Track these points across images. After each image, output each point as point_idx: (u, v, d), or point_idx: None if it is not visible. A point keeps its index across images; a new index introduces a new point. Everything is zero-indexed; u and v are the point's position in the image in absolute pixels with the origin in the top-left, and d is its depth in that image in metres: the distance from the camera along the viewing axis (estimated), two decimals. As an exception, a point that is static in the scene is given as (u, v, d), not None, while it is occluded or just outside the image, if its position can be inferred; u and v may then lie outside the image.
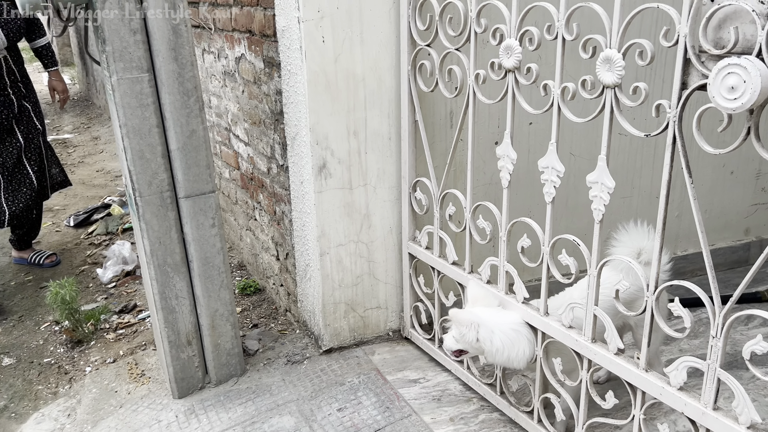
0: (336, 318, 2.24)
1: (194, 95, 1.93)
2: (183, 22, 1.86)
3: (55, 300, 2.55)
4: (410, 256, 2.18)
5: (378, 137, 2.09)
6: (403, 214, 2.17)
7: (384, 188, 2.16)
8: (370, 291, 2.26)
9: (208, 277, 2.08)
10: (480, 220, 1.81)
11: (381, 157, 2.12)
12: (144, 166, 1.92)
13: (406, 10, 1.92)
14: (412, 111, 2.02)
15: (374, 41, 1.99)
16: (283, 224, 2.46)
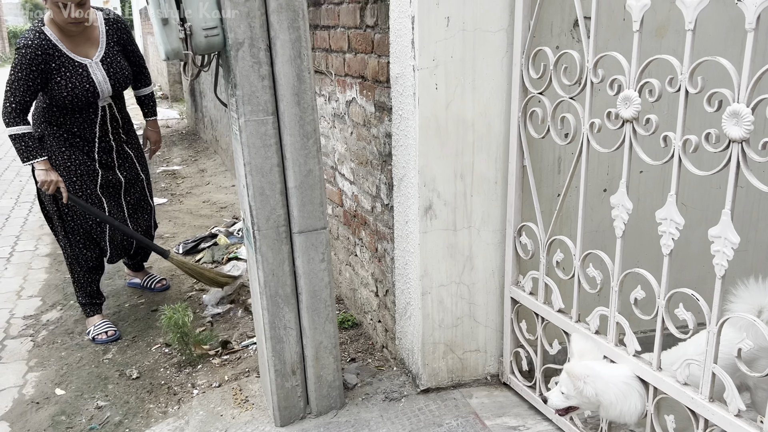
0: (434, 358, 2.26)
1: (313, 137, 2.04)
2: (307, 69, 1.99)
3: (168, 324, 2.72)
4: (512, 300, 2.18)
5: (484, 181, 2.13)
6: (506, 258, 2.18)
7: (488, 231, 2.18)
8: (469, 333, 2.28)
9: (315, 309, 2.16)
10: (590, 269, 1.80)
11: (486, 200, 2.15)
12: (264, 202, 2.04)
13: (519, 59, 1.96)
14: (521, 156, 2.04)
15: (485, 88, 2.04)
16: (384, 262, 2.52)
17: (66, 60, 2.72)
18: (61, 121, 2.82)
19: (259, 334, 2.27)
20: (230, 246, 4.02)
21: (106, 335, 3.00)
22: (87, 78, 2.76)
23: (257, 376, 2.57)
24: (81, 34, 2.78)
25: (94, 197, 2.93)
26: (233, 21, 1.89)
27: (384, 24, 2.23)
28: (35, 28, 2.70)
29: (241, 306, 3.30)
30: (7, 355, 2.91)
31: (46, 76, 2.69)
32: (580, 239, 1.83)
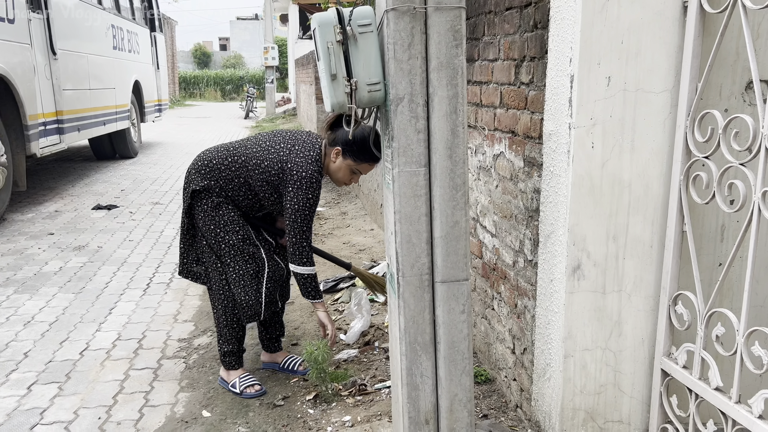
0: (573, 425, 2.17)
1: (462, 190, 2.08)
2: (461, 124, 2.04)
3: (309, 359, 2.83)
4: (663, 372, 2.06)
5: (638, 244, 2.05)
6: (659, 327, 2.07)
7: (639, 297, 2.08)
8: (612, 403, 2.16)
9: (453, 360, 2.16)
10: (755, 347, 1.67)
11: (640, 264, 2.06)
12: (410, 249, 2.09)
13: (684, 122, 1.89)
14: (680, 221, 1.95)
15: (645, 149, 1.98)
16: (523, 318, 2.48)
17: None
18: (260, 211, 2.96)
19: (395, 380, 2.30)
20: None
21: (254, 390, 2.94)
22: None
23: (389, 420, 2.59)
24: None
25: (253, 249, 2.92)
26: (395, 77, 2.00)
27: (540, 81, 2.25)
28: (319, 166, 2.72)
29: (374, 349, 3.36)
30: (163, 374, 3.16)
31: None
32: (745, 314, 1.70)
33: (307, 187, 2.67)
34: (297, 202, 2.69)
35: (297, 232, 2.71)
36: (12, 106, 6.31)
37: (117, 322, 3.78)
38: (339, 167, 2.76)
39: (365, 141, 2.64)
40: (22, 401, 2.86)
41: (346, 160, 2.73)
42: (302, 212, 2.69)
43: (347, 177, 2.78)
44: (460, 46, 2.00)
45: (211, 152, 2.86)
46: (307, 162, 2.70)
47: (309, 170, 2.69)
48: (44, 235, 5.75)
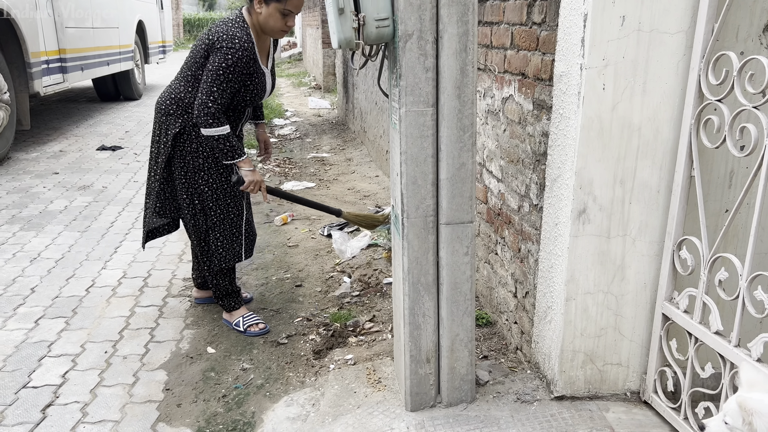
0: (572, 366, 2.20)
1: (469, 131, 2.05)
2: (471, 63, 2.00)
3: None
4: (664, 317, 2.07)
5: (645, 188, 2.03)
6: (662, 271, 2.07)
7: (644, 242, 2.08)
8: (612, 345, 2.19)
9: (455, 301, 2.18)
10: (758, 291, 1.67)
11: (645, 209, 2.05)
12: (415, 191, 2.08)
13: (698, 63, 1.85)
14: (689, 166, 1.93)
15: (656, 92, 1.95)
16: (526, 263, 2.49)
17: (257, 66, 2.69)
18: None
19: (397, 319, 2.33)
20: (373, 234, 4.13)
21: (258, 328, 2.98)
22: (263, 84, 2.77)
23: (391, 359, 2.63)
24: (263, 42, 2.75)
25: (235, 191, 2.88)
26: (404, 12, 1.95)
27: (552, 21, 2.19)
28: (244, 29, 2.62)
29: (375, 290, 3.39)
30: (168, 311, 3.20)
31: (245, 79, 2.66)
32: (749, 259, 1.70)
33: (227, 49, 2.55)
34: (213, 63, 2.57)
35: (206, 92, 2.57)
36: (14, 43, 6.21)
37: (122, 260, 3.82)
38: (268, 15, 2.60)
39: None
40: (29, 334, 2.91)
41: (270, 4, 2.58)
42: (215, 73, 2.56)
43: (280, 22, 2.61)
44: (471, -19, 1.94)
45: (171, 88, 2.78)
46: (226, 26, 2.61)
47: (230, 32, 2.58)
48: (49, 174, 5.75)
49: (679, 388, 2.03)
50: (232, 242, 2.91)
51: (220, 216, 2.86)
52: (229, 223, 2.89)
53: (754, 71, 1.67)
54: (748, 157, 1.74)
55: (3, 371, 2.60)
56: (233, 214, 2.90)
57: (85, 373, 2.61)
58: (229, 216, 2.88)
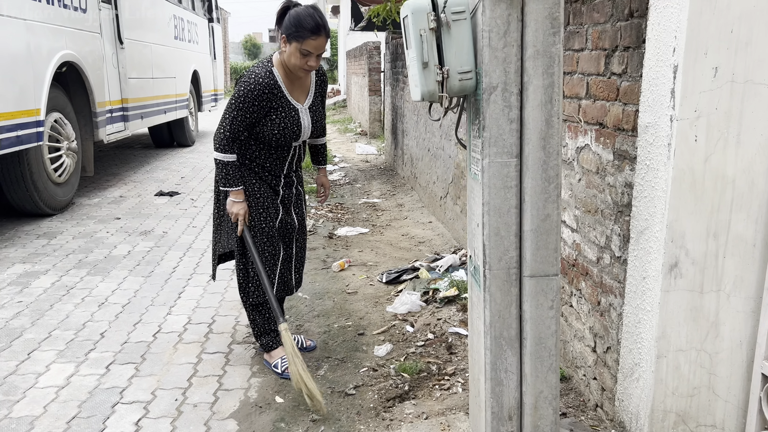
0: (663, 427, 2.10)
1: (554, 182, 2.02)
2: (556, 114, 1.99)
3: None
4: (763, 377, 1.97)
5: (740, 242, 1.96)
6: (760, 329, 1.98)
7: (739, 298, 2.00)
8: (706, 406, 2.09)
9: (539, 357, 2.11)
10: None
11: (740, 263, 1.98)
12: (498, 242, 2.05)
13: (797, 114, 1.80)
14: (789, 220, 1.86)
15: (751, 143, 1.90)
16: (608, 316, 2.41)
17: (284, 102, 2.81)
18: (256, 155, 2.89)
19: (475, 374, 2.27)
20: (431, 281, 4.09)
21: None
22: (297, 121, 2.85)
23: (464, 414, 2.57)
24: (299, 80, 2.86)
25: (273, 231, 2.97)
26: (489, 66, 1.95)
27: (635, 72, 2.17)
28: (265, 67, 2.79)
29: (440, 340, 3.34)
30: (234, 358, 3.20)
31: (264, 112, 2.79)
32: None
33: (242, 82, 2.76)
34: (232, 95, 2.78)
35: (221, 119, 2.80)
36: (81, 93, 6.48)
37: (186, 306, 3.85)
38: (290, 54, 2.73)
39: (298, 17, 2.68)
40: (101, 380, 2.93)
41: (291, 44, 2.71)
42: (230, 103, 2.77)
43: (300, 60, 2.71)
44: (557, 33, 1.94)
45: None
46: (253, 66, 2.83)
47: (251, 70, 2.80)
48: (111, 219, 5.90)
49: (783, 455, 1.91)
50: (262, 280, 2.91)
51: (257, 251, 2.92)
52: (263, 261, 2.95)
53: None
54: None
55: (79, 417, 2.62)
56: (267, 252, 2.99)
57: (157, 421, 2.61)
58: (263, 254, 2.97)
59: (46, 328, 3.47)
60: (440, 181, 5.73)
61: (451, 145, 5.25)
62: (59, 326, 3.49)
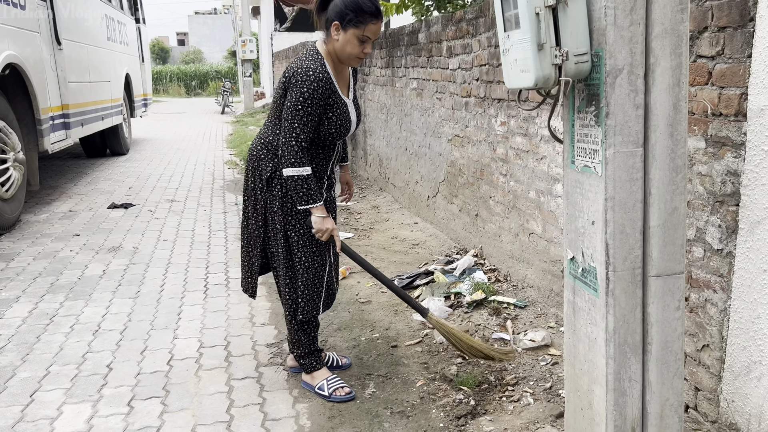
0: (794, 427, 1.99)
1: (682, 172, 1.87)
2: (683, 98, 1.83)
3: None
4: None
5: None
6: None
7: None
8: (836, 401, 1.99)
9: (665, 362, 1.95)
10: None
11: None
12: (623, 240, 1.87)
13: None
14: None
15: None
16: (703, 313, 2.29)
17: (337, 97, 2.58)
18: (311, 157, 2.62)
19: (583, 386, 2.08)
20: (450, 285, 3.89)
21: (344, 392, 2.73)
22: (348, 116, 2.63)
23: (551, 426, 2.38)
24: (342, 72, 2.65)
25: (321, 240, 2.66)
26: (614, 46, 1.77)
27: (738, 53, 2.05)
28: (318, 60, 2.52)
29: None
30: (268, 383, 2.88)
31: (325, 110, 2.55)
32: None
33: (302, 82, 2.45)
34: (291, 98, 2.47)
35: (287, 129, 2.47)
36: (21, 99, 5.87)
37: (192, 328, 3.48)
38: (345, 42, 2.50)
39: (356, 1, 2.44)
40: (128, 419, 2.55)
41: (347, 31, 2.48)
42: (294, 108, 2.46)
43: (357, 48, 2.51)
44: (685, 11, 1.79)
45: (261, 134, 2.70)
46: (300, 61, 2.53)
47: (305, 65, 2.49)
48: (69, 236, 5.36)
49: None
50: (313, 293, 2.72)
51: (305, 264, 2.68)
52: (313, 273, 2.70)
53: None
54: None
55: (118, 468, 2.25)
56: (317, 263, 2.71)
57: (211, 465, 2.28)
58: (313, 265, 2.70)
59: (41, 363, 3.02)
60: (426, 180, 5.54)
61: (441, 142, 5.07)
62: (55, 360, 3.06)
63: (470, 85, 4.38)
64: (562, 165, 3.20)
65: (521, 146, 3.70)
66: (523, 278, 3.79)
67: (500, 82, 3.90)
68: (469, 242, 4.58)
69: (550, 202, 3.40)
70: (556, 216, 3.35)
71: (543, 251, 3.53)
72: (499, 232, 4.07)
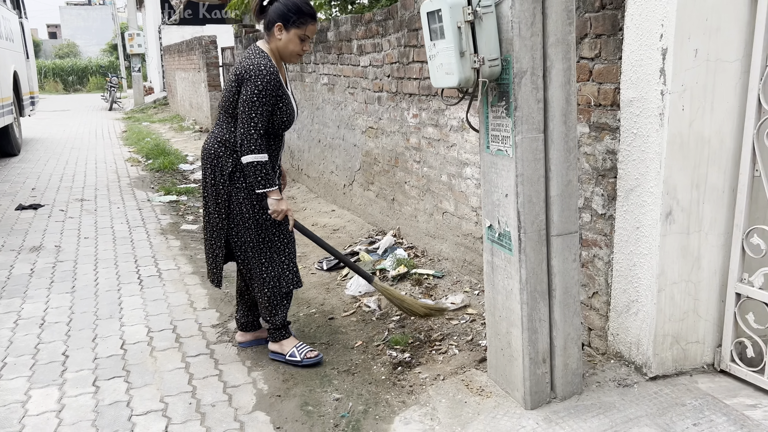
0: (663, 349, 2.55)
1: (574, 152, 2.36)
2: (573, 93, 2.32)
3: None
4: (737, 295, 2.48)
5: (714, 190, 2.45)
6: (732, 258, 2.48)
7: (714, 235, 2.49)
8: (692, 326, 2.57)
9: (566, 304, 2.45)
10: (843, 261, 2.11)
11: (714, 207, 2.46)
12: (530, 208, 2.34)
13: (757, 84, 2.30)
14: (752, 167, 2.37)
15: (721, 110, 2.38)
16: (592, 266, 2.82)
17: (283, 90, 2.83)
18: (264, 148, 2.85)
19: (502, 330, 2.54)
20: (375, 262, 4.29)
21: (314, 355, 3.04)
22: (292, 106, 2.91)
23: (478, 369, 2.83)
24: (282, 68, 2.91)
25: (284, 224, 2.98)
26: (519, 52, 2.22)
27: (612, 55, 2.57)
28: (266, 57, 2.78)
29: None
30: (221, 357, 3.16)
31: (276, 102, 2.80)
32: (829, 236, 2.14)
33: (255, 77, 2.72)
34: (246, 93, 2.73)
35: (246, 120, 2.72)
36: None
37: (136, 315, 3.67)
38: (288, 41, 2.80)
39: (296, 3, 2.75)
40: (97, 397, 2.76)
41: (290, 31, 2.79)
42: (250, 101, 2.72)
43: (298, 46, 2.83)
44: (572, 24, 2.27)
45: (215, 134, 2.91)
46: (249, 60, 2.78)
47: (255, 62, 2.75)
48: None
49: (758, 356, 2.43)
50: (294, 266, 3.03)
51: (284, 241, 2.98)
52: (290, 249, 3.02)
53: (815, 89, 2.13)
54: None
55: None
56: (292, 240, 3.04)
57: (186, 426, 2.55)
58: (291, 241, 3.03)
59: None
60: (342, 170, 5.90)
61: (355, 134, 5.45)
62: (9, 353, 3.18)
63: (382, 81, 4.79)
64: (471, 151, 3.68)
65: (433, 136, 4.15)
66: (439, 252, 4.25)
67: (411, 78, 4.33)
68: (387, 224, 5.00)
69: (461, 184, 3.87)
70: (466, 195, 3.82)
71: (456, 227, 4.00)
72: (415, 213, 4.51)
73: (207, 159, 2.93)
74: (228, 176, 2.87)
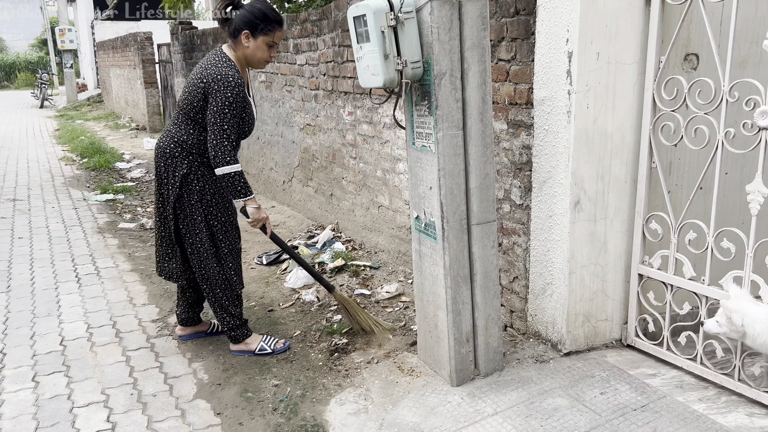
0: (575, 327, 2.78)
1: (490, 147, 2.55)
2: (488, 93, 2.51)
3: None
4: (639, 276, 2.74)
5: (617, 181, 2.69)
6: (634, 242, 2.74)
7: (618, 221, 2.74)
8: (601, 305, 2.81)
9: (486, 287, 2.65)
10: (724, 242, 2.38)
11: (618, 196, 2.71)
12: (452, 199, 2.53)
13: (651, 85, 2.55)
14: (650, 160, 2.62)
15: (621, 107, 2.62)
16: (512, 253, 3.04)
17: (247, 99, 2.86)
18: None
19: (432, 311, 2.72)
20: (314, 255, 4.43)
21: (282, 344, 3.18)
22: (253, 115, 2.94)
23: (408, 353, 3.01)
24: (245, 74, 2.91)
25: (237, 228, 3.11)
26: (438, 56, 2.40)
27: (526, 58, 2.78)
28: (232, 66, 2.78)
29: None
30: (162, 350, 3.24)
31: (242, 111, 2.81)
32: (713, 222, 2.41)
33: (225, 87, 2.72)
34: (216, 104, 2.72)
35: (218, 132, 2.72)
36: None
37: (74, 313, 3.69)
38: (256, 48, 2.81)
39: (262, 11, 2.77)
40: (38, 392, 2.80)
41: (258, 38, 2.80)
42: (221, 112, 2.72)
43: (266, 53, 2.85)
44: (486, 29, 2.47)
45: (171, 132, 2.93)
46: (216, 68, 2.77)
47: (222, 72, 2.75)
48: None
49: (658, 330, 2.69)
50: (240, 269, 3.11)
51: (230, 246, 3.05)
52: (237, 253, 3.09)
53: (702, 89, 2.38)
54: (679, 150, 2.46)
55: (42, 428, 2.53)
56: (238, 244, 3.11)
57: (128, 415, 2.63)
58: (237, 246, 3.09)
59: (-71, 356, 3.12)
60: (281, 166, 6.00)
61: (293, 131, 5.56)
62: (-57, 352, 3.17)
63: (318, 79, 4.91)
64: (403, 147, 3.86)
65: (367, 133, 4.31)
66: (375, 245, 4.42)
67: (345, 77, 4.47)
68: (326, 219, 5.14)
69: (395, 179, 4.05)
70: (400, 190, 4.00)
71: (390, 220, 4.18)
72: (353, 208, 4.67)
73: (161, 158, 2.93)
74: (181, 177, 2.88)
